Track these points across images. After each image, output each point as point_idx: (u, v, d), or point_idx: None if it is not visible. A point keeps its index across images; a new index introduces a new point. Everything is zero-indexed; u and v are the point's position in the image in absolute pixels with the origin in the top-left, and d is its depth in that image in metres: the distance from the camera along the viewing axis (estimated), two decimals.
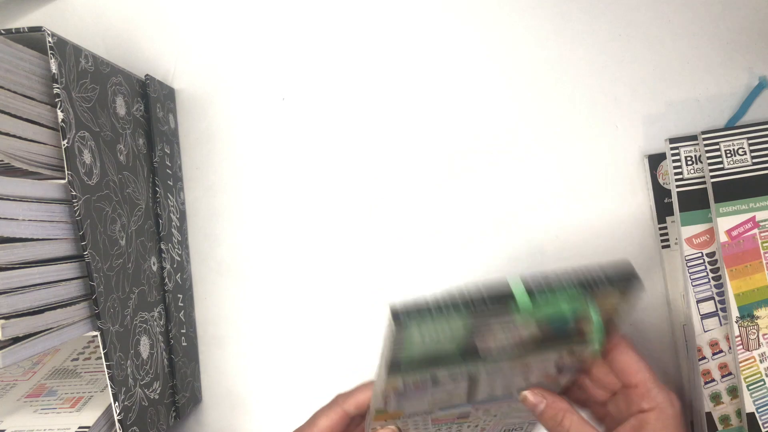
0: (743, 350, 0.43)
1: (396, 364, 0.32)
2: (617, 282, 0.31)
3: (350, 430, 0.42)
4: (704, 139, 0.44)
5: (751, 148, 0.43)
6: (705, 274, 0.44)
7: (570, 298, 0.31)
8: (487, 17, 0.49)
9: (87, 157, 0.39)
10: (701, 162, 0.44)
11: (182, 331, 0.49)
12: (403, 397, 0.36)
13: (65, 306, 0.37)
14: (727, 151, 0.44)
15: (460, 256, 0.49)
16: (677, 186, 0.45)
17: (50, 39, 0.36)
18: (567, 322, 0.33)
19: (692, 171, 0.45)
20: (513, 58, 0.48)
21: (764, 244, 0.43)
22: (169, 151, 0.50)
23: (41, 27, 0.36)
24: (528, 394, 0.38)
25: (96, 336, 0.39)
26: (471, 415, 0.40)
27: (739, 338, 0.43)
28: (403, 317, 0.29)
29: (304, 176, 0.51)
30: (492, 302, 0.30)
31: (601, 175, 0.48)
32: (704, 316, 0.44)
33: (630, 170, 0.47)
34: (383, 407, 0.37)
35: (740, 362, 0.43)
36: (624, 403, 0.38)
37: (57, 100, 0.36)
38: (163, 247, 0.48)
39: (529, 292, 0.31)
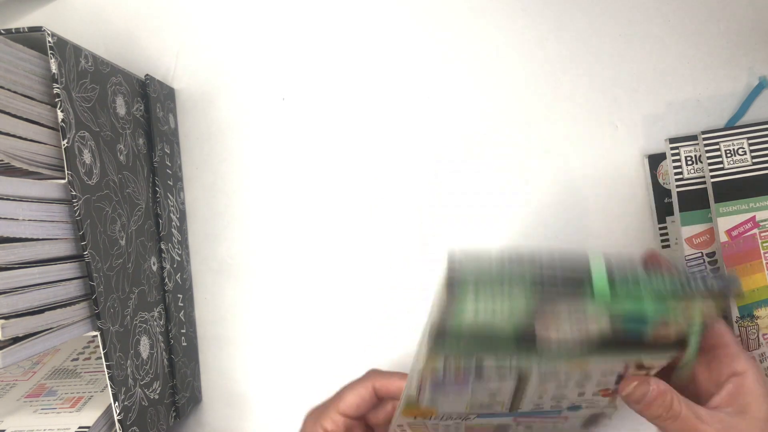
0: None
1: (441, 333, 0.27)
2: (717, 292, 0.26)
3: (374, 416, 0.40)
4: (704, 139, 0.44)
5: (751, 148, 0.43)
6: None
7: (656, 297, 0.26)
8: (487, 17, 0.49)
9: (87, 157, 0.39)
10: (701, 162, 0.44)
11: (182, 331, 0.49)
12: (440, 388, 0.31)
13: (65, 306, 0.37)
14: (727, 151, 0.44)
15: None
16: (677, 186, 0.45)
17: (50, 39, 0.36)
18: (645, 324, 0.27)
19: (692, 171, 0.45)
20: (513, 59, 0.48)
21: (764, 244, 0.43)
22: (169, 151, 0.50)
23: (41, 27, 0.36)
24: (633, 382, 0.32)
25: (96, 336, 0.39)
26: (510, 429, 0.36)
27: (739, 338, 0.43)
28: (458, 280, 0.24)
29: (305, 176, 0.51)
30: (565, 282, 0.25)
31: (601, 175, 0.48)
32: None
33: (630, 170, 0.47)
34: (416, 397, 0.32)
35: None
36: (715, 369, 0.35)
37: (57, 100, 0.36)
38: (163, 247, 0.48)
39: (611, 277, 0.25)
